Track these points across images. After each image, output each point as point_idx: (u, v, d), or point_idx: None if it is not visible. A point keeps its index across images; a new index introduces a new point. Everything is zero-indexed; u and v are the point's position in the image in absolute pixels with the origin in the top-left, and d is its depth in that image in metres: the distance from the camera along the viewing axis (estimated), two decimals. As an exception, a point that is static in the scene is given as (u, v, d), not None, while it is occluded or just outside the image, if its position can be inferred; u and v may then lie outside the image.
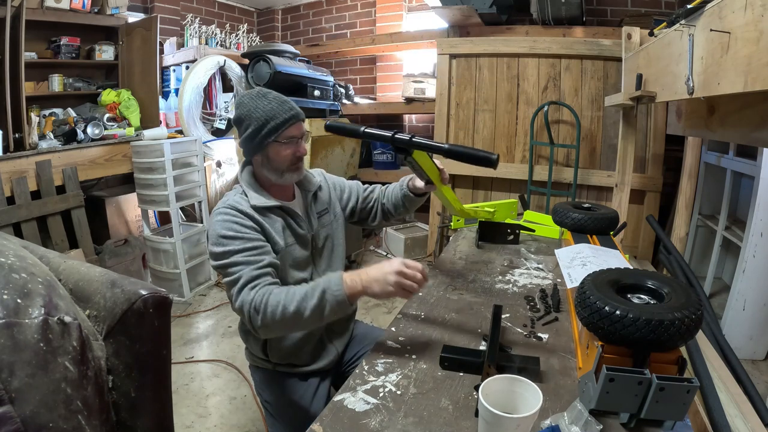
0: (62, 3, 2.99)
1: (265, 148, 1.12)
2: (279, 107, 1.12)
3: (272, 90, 1.17)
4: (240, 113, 1.13)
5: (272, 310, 0.96)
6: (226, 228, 1.06)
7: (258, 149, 1.13)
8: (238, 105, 1.14)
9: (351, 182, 1.41)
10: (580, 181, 2.97)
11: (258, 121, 1.10)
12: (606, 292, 0.79)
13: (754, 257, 2.18)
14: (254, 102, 1.12)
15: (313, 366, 1.23)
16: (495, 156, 0.98)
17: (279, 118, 1.10)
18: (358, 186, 1.41)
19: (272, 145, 1.12)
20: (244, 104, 1.13)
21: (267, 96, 1.14)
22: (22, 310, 0.69)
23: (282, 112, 1.11)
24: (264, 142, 1.11)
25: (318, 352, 1.24)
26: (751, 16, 0.94)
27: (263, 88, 1.17)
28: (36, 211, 2.62)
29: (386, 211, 1.38)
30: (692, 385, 0.67)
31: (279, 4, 4.69)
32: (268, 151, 1.13)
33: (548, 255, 1.55)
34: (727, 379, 1.50)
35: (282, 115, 1.11)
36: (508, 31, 3.29)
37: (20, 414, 0.63)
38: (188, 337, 2.56)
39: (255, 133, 1.11)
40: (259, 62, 3.06)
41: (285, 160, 1.14)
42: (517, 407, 0.70)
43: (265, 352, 1.21)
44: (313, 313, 0.95)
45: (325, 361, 1.24)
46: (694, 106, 2.10)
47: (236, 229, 1.06)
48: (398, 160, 3.96)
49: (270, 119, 1.10)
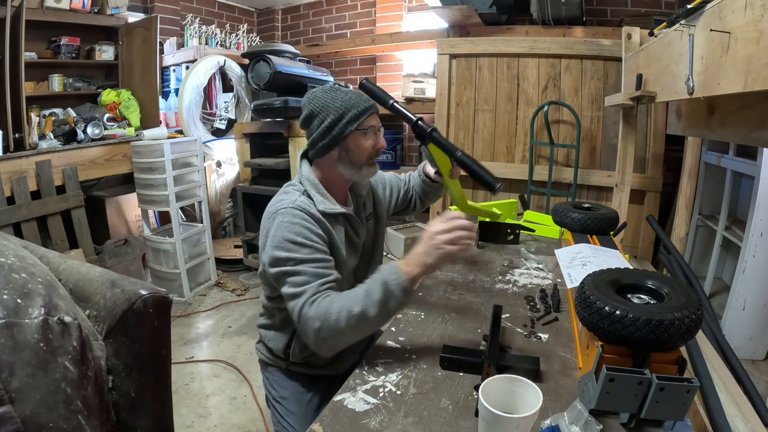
0: (62, 3, 2.99)
1: (345, 138, 1.06)
2: (357, 98, 1.08)
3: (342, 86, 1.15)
4: (313, 107, 1.07)
5: (336, 318, 0.89)
6: (296, 232, 0.98)
7: (337, 141, 1.06)
8: (309, 100, 1.09)
9: (388, 175, 1.37)
10: (580, 181, 2.98)
11: (337, 111, 1.05)
12: (606, 292, 0.79)
13: (754, 257, 2.18)
14: (329, 94, 1.08)
15: (328, 370, 1.21)
16: (499, 184, 0.97)
17: (359, 106, 1.06)
18: (396, 178, 1.38)
19: (353, 135, 1.07)
20: (317, 98, 1.08)
21: (341, 89, 1.10)
22: (22, 310, 0.69)
23: (361, 102, 1.07)
24: (345, 131, 1.05)
25: (337, 357, 1.16)
26: (751, 16, 0.94)
27: (334, 85, 1.13)
28: (36, 211, 2.62)
29: (420, 199, 1.38)
30: (692, 385, 0.67)
31: (279, 4, 4.69)
32: (347, 142, 1.07)
33: (548, 255, 1.55)
34: (727, 379, 1.50)
35: (361, 104, 1.07)
36: (508, 31, 3.29)
37: (20, 414, 0.63)
38: (188, 337, 2.56)
39: (334, 123, 1.05)
40: (259, 62, 3.06)
41: (365, 152, 1.08)
42: (517, 407, 0.70)
43: (286, 351, 1.18)
44: (380, 309, 0.89)
45: (340, 367, 1.22)
46: (694, 106, 2.10)
47: (306, 235, 0.98)
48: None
49: (350, 108, 1.06)
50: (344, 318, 0.89)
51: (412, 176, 1.40)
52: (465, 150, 1.14)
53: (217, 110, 3.94)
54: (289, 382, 1.22)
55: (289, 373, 1.22)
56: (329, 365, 1.21)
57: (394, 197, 1.35)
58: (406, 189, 1.38)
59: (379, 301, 0.89)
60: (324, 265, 0.98)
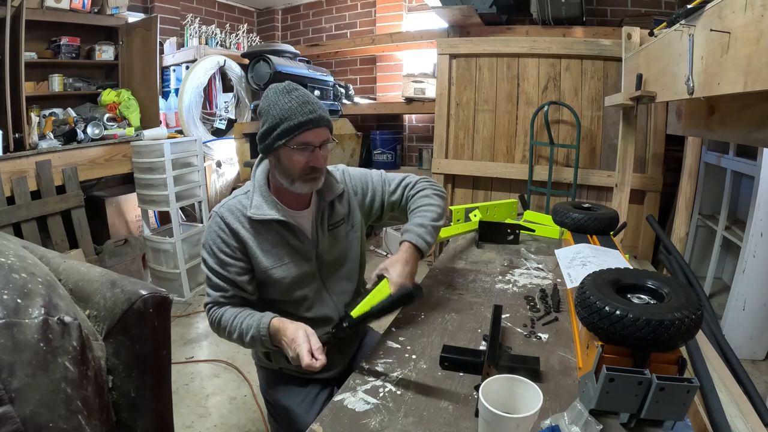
0: (62, 3, 2.99)
1: (275, 150, 1.03)
2: (298, 108, 1.00)
3: (301, 87, 1.06)
4: (262, 105, 1.05)
5: (222, 330, 1.08)
6: (211, 239, 1.08)
7: (269, 150, 1.05)
8: (263, 96, 1.06)
9: (375, 178, 1.26)
10: (580, 181, 2.97)
11: (273, 119, 1.01)
12: (606, 292, 0.79)
13: (754, 257, 2.18)
14: (276, 97, 1.02)
15: (318, 374, 1.21)
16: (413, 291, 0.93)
17: (293, 120, 1.00)
18: (383, 183, 1.26)
19: (283, 149, 1.02)
20: (267, 97, 1.04)
21: (291, 93, 1.03)
22: (22, 310, 0.69)
23: (299, 114, 1.00)
24: (275, 144, 1.02)
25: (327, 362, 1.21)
26: (751, 16, 0.94)
27: (293, 84, 1.06)
28: (36, 211, 2.62)
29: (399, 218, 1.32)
30: (692, 385, 0.67)
31: (279, 4, 4.69)
32: (279, 153, 1.04)
33: (548, 255, 1.55)
34: (727, 379, 1.50)
35: (297, 118, 1.00)
36: (508, 31, 3.29)
37: (20, 414, 0.63)
38: (188, 337, 2.56)
39: (268, 131, 1.02)
40: (259, 62, 3.06)
41: (295, 168, 1.03)
42: (517, 407, 0.70)
43: (268, 357, 1.21)
44: (250, 344, 1.05)
45: (330, 372, 1.21)
46: (694, 106, 2.10)
47: (218, 244, 1.07)
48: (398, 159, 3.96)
49: (284, 120, 1.00)
50: (227, 335, 1.07)
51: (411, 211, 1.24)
52: (465, 150, 1.12)
53: (217, 110, 3.94)
54: (282, 383, 1.23)
55: (281, 375, 1.23)
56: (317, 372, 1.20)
57: (376, 206, 1.26)
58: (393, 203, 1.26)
59: (249, 340, 1.04)
60: (225, 280, 1.08)
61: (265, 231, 1.08)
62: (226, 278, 1.07)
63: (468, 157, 3.31)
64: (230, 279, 1.07)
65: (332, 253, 1.18)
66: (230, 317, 1.06)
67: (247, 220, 1.07)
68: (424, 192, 1.25)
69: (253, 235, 1.07)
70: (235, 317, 1.05)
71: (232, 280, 1.07)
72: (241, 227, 1.07)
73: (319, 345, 0.93)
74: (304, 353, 0.91)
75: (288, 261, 1.11)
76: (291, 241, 1.11)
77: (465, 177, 3.35)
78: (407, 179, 1.29)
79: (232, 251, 1.07)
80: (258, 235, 1.08)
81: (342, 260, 1.21)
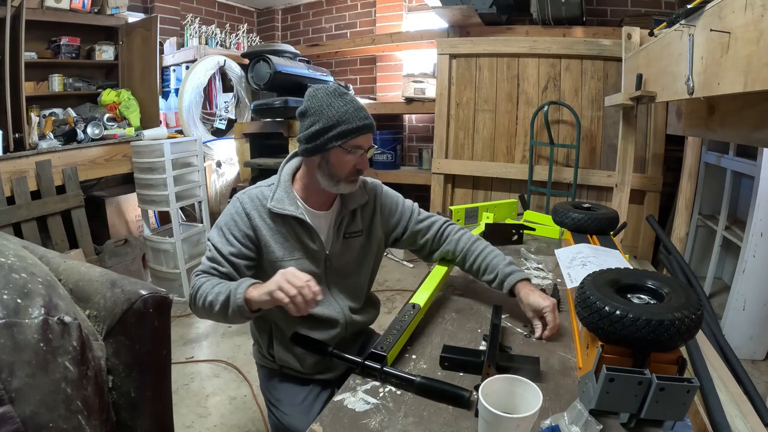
0: (62, 3, 2.99)
1: (327, 150, 1.04)
2: (354, 112, 1.03)
3: (348, 91, 1.08)
4: (309, 106, 1.05)
5: (198, 296, 1.03)
6: (224, 220, 1.09)
7: (318, 150, 1.05)
8: (310, 96, 1.06)
9: (406, 203, 1.27)
10: (580, 181, 2.98)
11: (328, 120, 1.02)
12: (606, 292, 0.79)
13: (754, 257, 2.18)
14: (329, 98, 1.03)
15: (319, 375, 1.21)
16: (467, 394, 0.81)
17: (352, 123, 1.02)
18: (412, 210, 1.26)
19: (336, 150, 1.04)
20: (317, 97, 1.05)
21: (344, 96, 1.05)
22: (22, 310, 0.69)
23: (356, 118, 1.03)
24: (328, 144, 1.03)
25: (324, 365, 1.20)
26: (751, 16, 0.94)
27: (341, 88, 1.07)
28: (36, 211, 2.62)
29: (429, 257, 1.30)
30: (692, 385, 0.67)
31: (279, 4, 4.69)
32: (329, 154, 1.05)
33: (548, 255, 1.55)
34: (727, 379, 1.50)
35: (355, 121, 1.02)
36: (508, 31, 3.29)
37: (20, 414, 0.63)
38: (188, 337, 2.56)
39: (321, 132, 1.03)
40: (259, 62, 3.06)
41: (344, 170, 1.06)
42: (517, 407, 0.70)
43: (270, 353, 1.21)
44: (220, 309, 1.00)
45: (330, 374, 1.21)
46: (694, 106, 2.10)
47: (230, 226, 1.08)
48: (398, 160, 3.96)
49: (342, 122, 1.02)
50: (201, 299, 1.02)
51: (468, 254, 1.22)
52: (465, 150, 1.13)
53: (217, 110, 3.94)
54: (283, 383, 1.23)
55: (282, 375, 1.23)
56: (319, 371, 1.21)
57: (398, 230, 1.25)
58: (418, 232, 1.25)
59: (222, 302, 0.99)
60: (224, 259, 1.06)
61: (281, 224, 1.10)
62: (226, 255, 1.07)
63: (468, 157, 3.31)
64: (229, 257, 1.07)
65: (342, 260, 1.18)
66: (211, 284, 1.04)
67: (266, 211, 1.09)
68: (477, 237, 1.26)
69: (268, 226, 1.09)
70: (214, 284, 1.03)
71: (231, 259, 1.07)
72: (257, 215, 1.08)
73: (310, 277, 0.93)
74: (301, 279, 0.91)
75: (298, 257, 1.12)
76: (304, 239, 1.12)
77: (465, 177, 3.35)
78: (438, 216, 1.29)
79: (242, 236, 1.08)
80: (273, 227, 1.09)
81: (351, 270, 1.21)
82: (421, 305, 1.07)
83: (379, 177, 3.74)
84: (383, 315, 2.78)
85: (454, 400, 0.81)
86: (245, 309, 0.97)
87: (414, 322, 1.03)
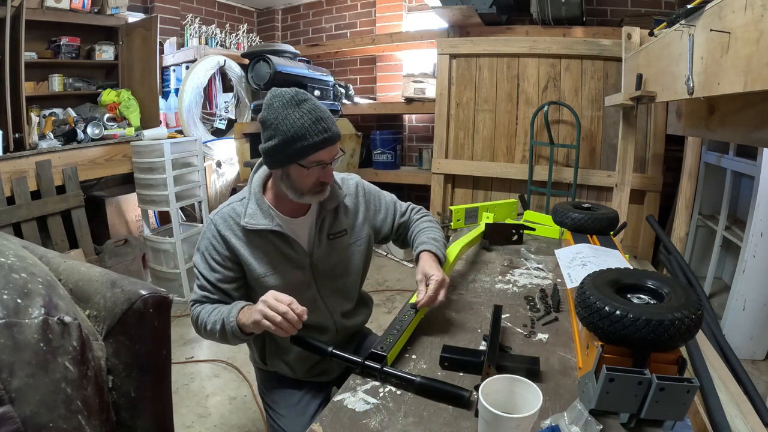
0: (62, 3, 2.99)
1: (286, 167, 1.00)
2: (312, 125, 0.95)
3: (308, 96, 1.00)
4: (266, 116, 0.98)
5: (199, 324, 1.07)
6: (204, 245, 1.09)
7: (278, 165, 1.01)
8: (267, 105, 0.99)
9: (387, 198, 1.26)
10: (580, 181, 2.98)
11: (284, 136, 0.95)
12: (606, 292, 0.79)
13: (754, 257, 2.18)
14: (285, 110, 0.96)
15: (316, 378, 1.22)
16: (467, 394, 0.80)
17: (309, 138, 0.95)
18: (395, 205, 1.27)
19: (295, 166, 0.99)
20: (272, 107, 0.97)
21: (301, 106, 0.96)
22: (22, 310, 0.69)
23: (314, 132, 0.95)
24: (286, 162, 0.99)
25: (320, 368, 1.20)
26: (751, 16, 0.94)
27: (300, 93, 0.98)
28: (36, 211, 2.62)
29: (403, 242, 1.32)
30: (692, 385, 0.67)
31: (279, 4, 4.69)
32: (289, 170, 1.01)
33: (548, 255, 1.55)
34: (727, 379, 1.50)
35: (313, 136, 0.95)
36: (508, 31, 3.29)
37: (20, 414, 0.63)
38: (188, 337, 2.56)
39: (278, 148, 0.97)
40: (259, 62, 3.05)
41: (306, 185, 1.02)
42: (517, 407, 0.70)
43: (263, 360, 1.21)
44: (220, 336, 1.03)
45: (326, 377, 1.22)
46: (694, 106, 2.10)
47: (209, 251, 1.08)
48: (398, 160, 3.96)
49: (298, 138, 0.95)
50: (202, 328, 1.06)
51: (413, 235, 1.25)
52: (465, 150, 1.12)
53: (217, 110, 3.94)
54: (279, 385, 1.23)
55: (278, 377, 1.23)
56: (315, 375, 1.21)
57: (386, 226, 1.25)
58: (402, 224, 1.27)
59: (219, 330, 1.02)
60: (211, 286, 1.08)
61: (258, 240, 1.07)
62: (213, 283, 1.08)
63: (468, 157, 3.31)
64: (216, 285, 1.08)
65: (328, 262, 1.15)
66: (207, 312, 1.06)
67: (240, 229, 1.06)
68: (428, 218, 1.29)
69: (245, 243, 1.07)
70: (210, 312, 1.06)
71: (218, 286, 1.08)
72: (232, 236, 1.07)
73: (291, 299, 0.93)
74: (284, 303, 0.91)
75: (281, 269, 1.10)
76: (284, 250, 1.09)
77: (465, 177, 3.35)
78: (412, 204, 1.33)
79: (222, 259, 1.07)
80: (251, 244, 1.07)
81: (340, 271, 1.18)
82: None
83: (379, 177, 3.78)
84: (383, 315, 2.78)
85: (454, 400, 0.81)
86: (240, 334, 1.00)
87: (414, 322, 1.03)
